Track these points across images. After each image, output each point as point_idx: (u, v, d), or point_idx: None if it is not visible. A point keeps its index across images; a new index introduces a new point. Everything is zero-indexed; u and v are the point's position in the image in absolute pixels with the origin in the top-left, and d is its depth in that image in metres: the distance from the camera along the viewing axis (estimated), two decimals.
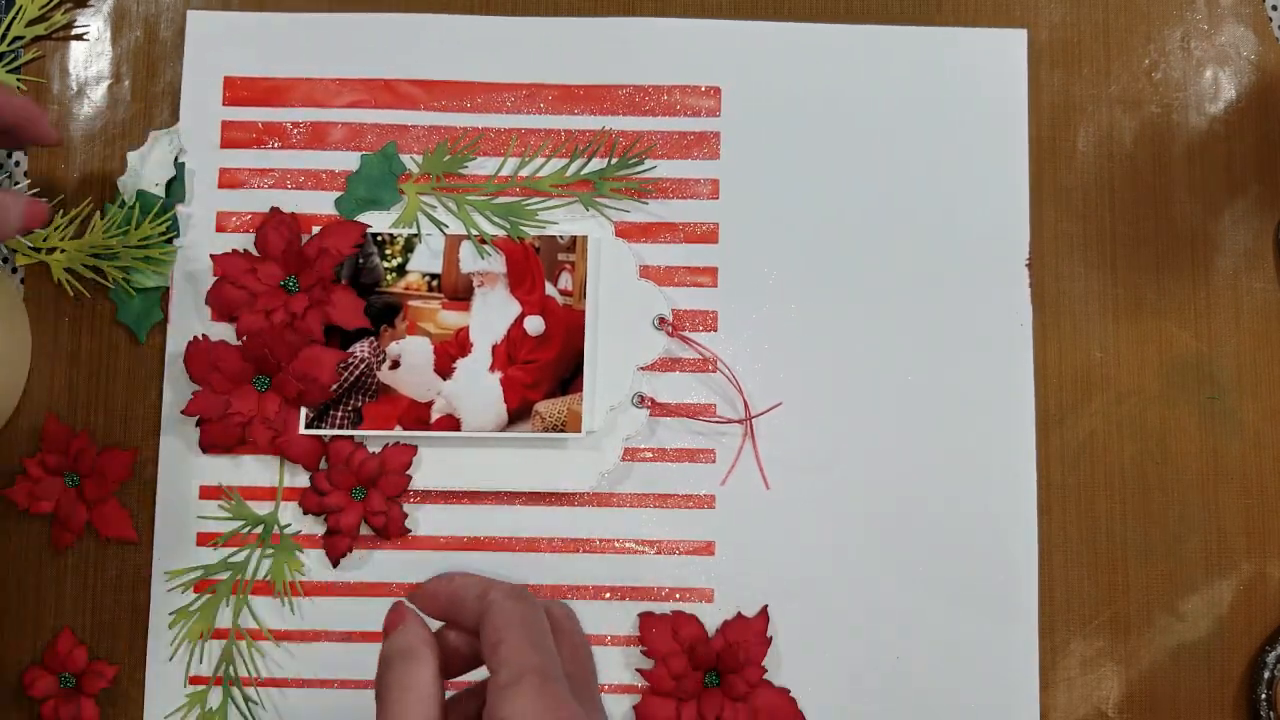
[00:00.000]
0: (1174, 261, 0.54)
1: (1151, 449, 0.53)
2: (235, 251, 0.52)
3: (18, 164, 0.54)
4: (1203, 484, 0.53)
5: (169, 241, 0.53)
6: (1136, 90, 0.55)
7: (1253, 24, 0.55)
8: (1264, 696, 0.51)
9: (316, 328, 0.52)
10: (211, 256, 0.52)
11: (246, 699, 0.51)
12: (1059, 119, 0.54)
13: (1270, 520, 0.53)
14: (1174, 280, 0.54)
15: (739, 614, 0.51)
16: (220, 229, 0.53)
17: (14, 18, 0.54)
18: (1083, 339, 0.54)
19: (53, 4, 0.54)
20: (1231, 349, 0.54)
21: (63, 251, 0.52)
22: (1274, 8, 0.55)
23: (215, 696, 0.51)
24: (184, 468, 0.52)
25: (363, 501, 0.51)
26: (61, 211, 0.53)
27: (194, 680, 0.51)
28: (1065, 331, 0.53)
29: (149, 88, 0.54)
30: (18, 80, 0.54)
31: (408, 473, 0.52)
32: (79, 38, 0.55)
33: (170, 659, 0.51)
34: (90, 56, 0.54)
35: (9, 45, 0.54)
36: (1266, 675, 0.51)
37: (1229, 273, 0.54)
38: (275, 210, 0.53)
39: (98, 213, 0.53)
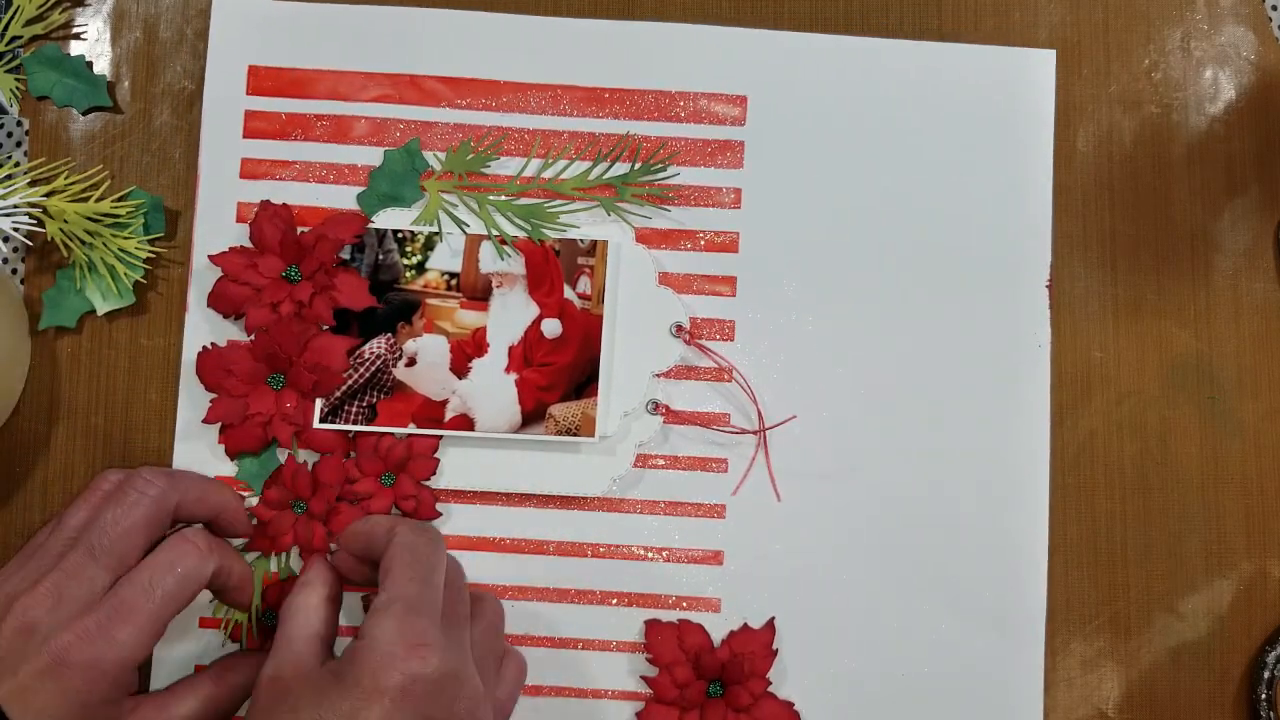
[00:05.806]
0: (1174, 261, 0.54)
1: (1151, 449, 0.53)
2: (233, 249, 0.52)
3: (18, 165, 0.53)
4: (1203, 484, 0.53)
5: (145, 264, 0.52)
6: (1136, 90, 0.55)
7: (1253, 24, 0.55)
8: (1264, 696, 0.51)
9: (326, 313, 0.51)
10: (210, 258, 0.51)
11: None
12: (1059, 119, 0.54)
13: (1270, 520, 0.53)
14: (1174, 280, 0.54)
15: (745, 625, 0.51)
16: (240, 219, 0.53)
17: (11, 17, 0.54)
18: (1083, 339, 0.54)
19: (50, 4, 0.54)
20: (1231, 349, 0.54)
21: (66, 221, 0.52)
22: (1274, 8, 0.55)
23: None
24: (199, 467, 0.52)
25: (392, 487, 0.51)
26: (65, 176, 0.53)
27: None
28: (1065, 331, 0.54)
29: (149, 88, 0.54)
30: (15, 81, 0.54)
31: (435, 455, 0.51)
32: (77, 37, 0.54)
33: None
34: (89, 57, 0.54)
35: (7, 45, 0.54)
36: (1266, 675, 0.51)
37: (1229, 273, 0.54)
38: (265, 203, 0.52)
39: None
